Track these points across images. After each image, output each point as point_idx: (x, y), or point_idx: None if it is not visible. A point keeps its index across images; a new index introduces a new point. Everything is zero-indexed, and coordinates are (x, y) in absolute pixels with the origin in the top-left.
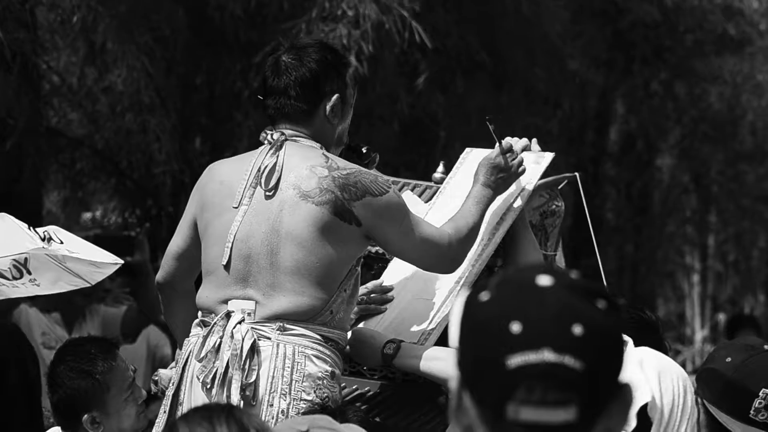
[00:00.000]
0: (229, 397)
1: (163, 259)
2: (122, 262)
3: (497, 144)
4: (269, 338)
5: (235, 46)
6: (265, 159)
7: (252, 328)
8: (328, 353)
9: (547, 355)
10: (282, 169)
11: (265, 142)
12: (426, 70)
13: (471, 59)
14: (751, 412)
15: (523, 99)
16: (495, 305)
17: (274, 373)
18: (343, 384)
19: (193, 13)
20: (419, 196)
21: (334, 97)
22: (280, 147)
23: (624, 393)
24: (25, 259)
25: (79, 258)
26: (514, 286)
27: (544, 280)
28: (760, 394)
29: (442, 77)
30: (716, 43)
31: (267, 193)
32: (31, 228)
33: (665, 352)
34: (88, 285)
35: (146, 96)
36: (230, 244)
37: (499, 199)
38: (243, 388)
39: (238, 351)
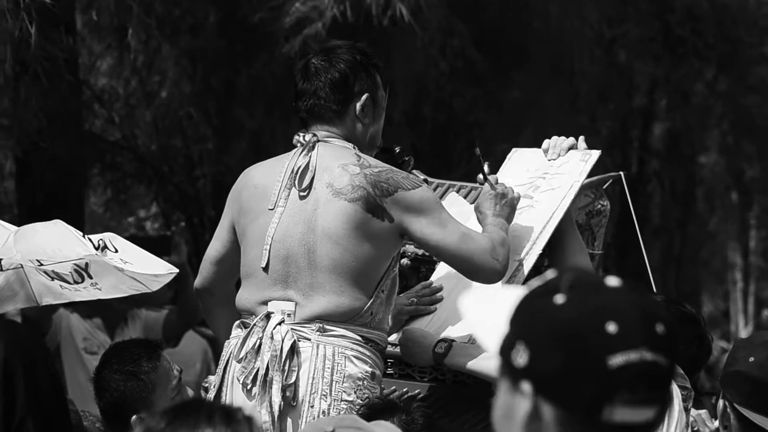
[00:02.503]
0: (270, 398)
1: (201, 264)
2: (177, 271)
3: (482, 171)
4: (309, 339)
5: (273, 49)
6: (298, 160)
7: (292, 329)
8: (368, 354)
9: (645, 354)
10: (315, 169)
11: (298, 144)
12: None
13: (513, 52)
14: None
15: (568, 95)
16: (578, 307)
17: (314, 374)
18: (393, 386)
19: (228, 16)
20: (465, 197)
21: (364, 96)
22: (313, 148)
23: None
24: (86, 264)
25: (133, 270)
26: (589, 286)
27: (614, 281)
28: None
29: (482, 73)
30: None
31: (301, 194)
32: (85, 236)
33: (708, 346)
34: (149, 291)
35: (186, 100)
36: (268, 246)
37: (546, 200)
38: (284, 389)
39: (278, 352)
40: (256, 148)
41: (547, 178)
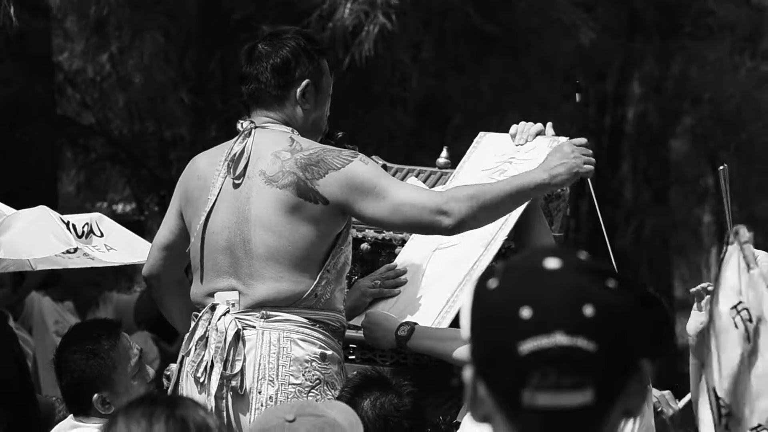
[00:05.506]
0: (209, 388)
1: (150, 250)
2: None
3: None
4: (254, 327)
5: (247, 29)
6: (233, 147)
7: (236, 318)
8: (317, 335)
9: (560, 339)
10: (249, 157)
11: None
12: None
13: (482, 32)
14: None
15: (536, 75)
16: (503, 292)
17: (260, 360)
18: (354, 371)
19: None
20: (424, 181)
21: (305, 82)
22: (249, 134)
23: (641, 373)
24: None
25: (114, 258)
26: (522, 271)
27: (552, 263)
28: None
29: (453, 53)
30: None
31: (235, 182)
32: (70, 223)
33: (671, 329)
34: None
35: (160, 82)
36: (200, 237)
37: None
38: (229, 379)
39: (222, 342)
40: (228, 133)
41: (514, 163)
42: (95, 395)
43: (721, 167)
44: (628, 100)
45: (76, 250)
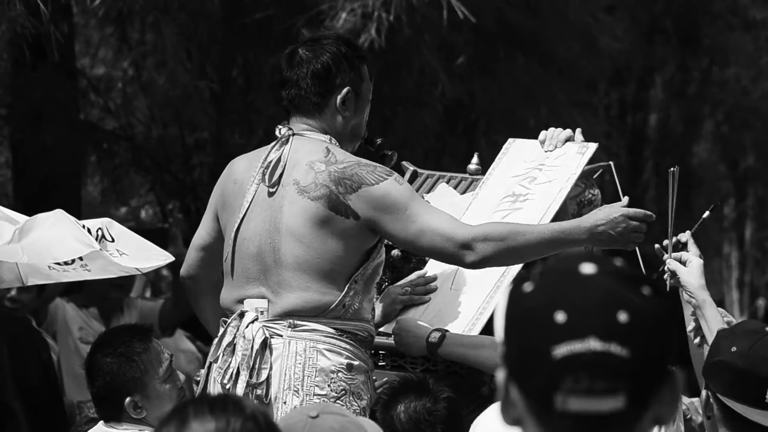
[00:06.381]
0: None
1: (188, 251)
2: (173, 258)
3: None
4: (281, 335)
5: (271, 35)
6: (270, 154)
7: (264, 326)
8: (344, 345)
9: (593, 344)
10: (285, 165)
11: (278, 136)
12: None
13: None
14: (767, 397)
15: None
16: (538, 296)
17: (285, 370)
18: (385, 377)
19: (228, 3)
20: (455, 188)
21: (345, 90)
22: (287, 142)
23: (673, 381)
24: None
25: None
26: (558, 275)
27: (588, 268)
28: None
29: (482, 59)
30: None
31: (270, 190)
32: (85, 227)
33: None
34: (139, 272)
35: (183, 87)
36: (231, 242)
37: (543, 191)
38: (255, 387)
39: (249, 350)
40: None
41: (543, 170)
42: (127, 399)
43: (672, 169)
44: (650, 104)
45: (74, 261)
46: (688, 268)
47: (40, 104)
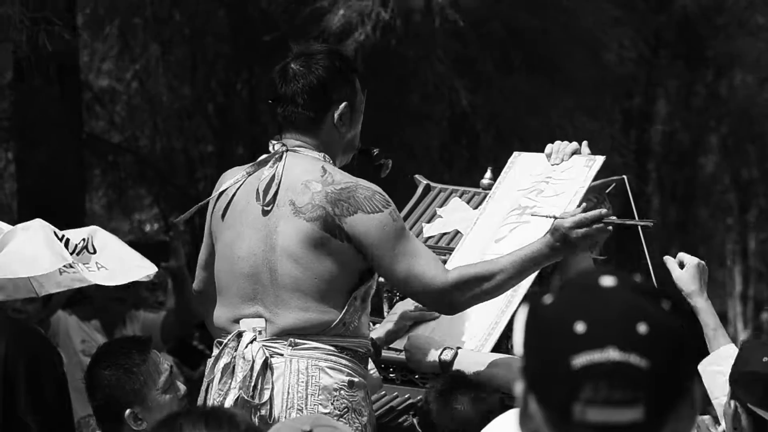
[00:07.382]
0: None
1: (196, 268)
2: (156, 270)
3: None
4: (282, 355)
5: (275, 48)
6: (264, 171)
7: (264, 346)
8: (344, 362)
9: (612, 354)
10: (280, 183)
11: (271, 151)
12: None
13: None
14: None
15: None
16: (559, 307)
17: (288, 389)
18: (395, 393)
19: (234, 16)
20: (468, 202)
21: (342, 105)
22: (280, 158)
23: (691, 396)
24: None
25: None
26: (578, 287)
27: (608, 281)
28: None
29: (487, 72)
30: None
31: (265, 209)
32: (64, 238)
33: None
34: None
35: (187, 101)
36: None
37: (551, 205)
38: (258, 407)
39: (248, 371)
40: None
41: (550, 183)
42: (127, 411)
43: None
44: (655, 117)
45: (71, 266)
46: (683, 270)
47: (44, 117)
